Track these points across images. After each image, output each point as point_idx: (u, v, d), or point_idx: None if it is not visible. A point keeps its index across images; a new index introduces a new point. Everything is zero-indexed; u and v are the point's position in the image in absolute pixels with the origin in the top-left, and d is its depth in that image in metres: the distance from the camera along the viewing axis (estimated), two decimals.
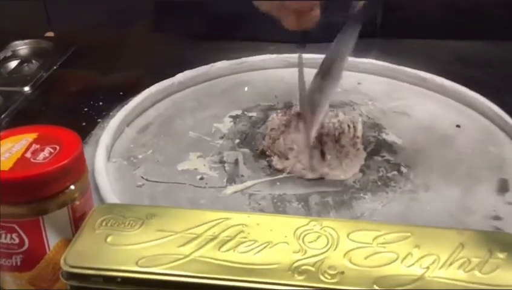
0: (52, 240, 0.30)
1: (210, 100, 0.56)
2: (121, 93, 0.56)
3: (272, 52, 0.62)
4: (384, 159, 0.48)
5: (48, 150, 0.29)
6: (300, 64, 0.47)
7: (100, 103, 0.55)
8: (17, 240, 0.29)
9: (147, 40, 0.69)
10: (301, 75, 0.47)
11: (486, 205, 0.43)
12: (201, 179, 0.46)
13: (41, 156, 0.29)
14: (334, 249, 0.29)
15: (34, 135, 0.31)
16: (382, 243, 0.30)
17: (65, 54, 0.64)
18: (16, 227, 0.29)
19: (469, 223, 0.41)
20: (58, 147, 0.30)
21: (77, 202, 0.31)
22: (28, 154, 0.29)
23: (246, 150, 0.49)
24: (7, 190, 0.28)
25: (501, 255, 0.29)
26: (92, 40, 0.68)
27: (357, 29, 0.46)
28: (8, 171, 0.28)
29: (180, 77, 0.58)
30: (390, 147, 0.49)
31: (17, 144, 0.30)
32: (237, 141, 0.50)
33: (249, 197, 0.44)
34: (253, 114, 0.54)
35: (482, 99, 0.54)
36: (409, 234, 0.30)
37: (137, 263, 0.28)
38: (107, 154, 0.47)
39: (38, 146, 0.30)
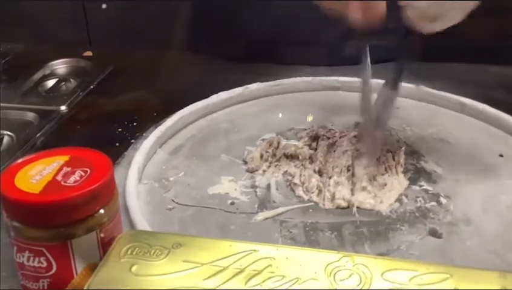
0: (80, 265, 0.30)
1: (244, 122, 0.56)
2: (155, 114, 0.56)
3: (307, 75, 0.61)
4: (422, 188, 0.46)
5: (78, 173, 0.29)
6: (366, 77, 0.46)
7: (134, 124, 0.55)
8: (45, 264, 0.29)
9: (183, 60, 0.69)
10: (366, 88, 0.45)
11: None
12: (232, 203, 0.45)
13: (72, 179, 0.29)
14: (368, 289, 0.28)
15: (65, 158, 0.31)
16: (419, 284, 0.28)
17: (102, 73, 0.65)
18: (44, 251, 0.29)
19: None
20: (89, 170, 0.30)
21: (106, 227, 0.30)
22: (59, 177, 0.29)
23: (279, 175, 0.48)
24: (37, 213, 0.28)
25: None
26: (129, 60, 0.68)
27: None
28: (38, 195, 0.28)
29: (214, 98, 0.57)
30: (429, 176, 0.47)
31: (48, 167, 0.30)
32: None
33: (280, 225, 0.43)
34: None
35: None
36: (448, 275, 0.28)
37: None
38: (139, 176, 0.47)
39: (69, 169, 0.30)
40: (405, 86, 0.59)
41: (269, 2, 0.65)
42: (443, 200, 0.44)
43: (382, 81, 0.49)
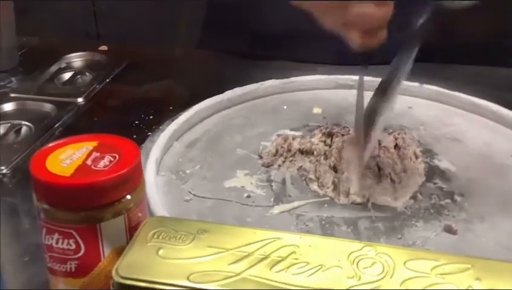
0: (107, 248, 0.30)
1: (258, 118, 0.56)
2: (171, 107, 0.57)
3: (321, 73, 0.62)
4: (436, 186, 0.46)
5: (108, 158, 0.30)
6: (360, 86, 0.47)
7: (151, 117, 0.56)
8: (73, 246, 0.30)
9: (198, 56, 0.70)
10: (360, 97, 0.46)
11: None
12: (248, 197, 0.46)
13: (101, 163, 0.30)
14: (391, 277, 0.28)
15: (94, 143, 0.31)
16: (441, 274, 0.28)
17: (117, 67, 0.65)
18: (74, 233, 0.29)
19: None
20: (117, 156, 0.30)
21: (133, 211, 0.31)
22: (89, 162, 0.30)
23: (294, 170, 0.48)
24: (68, 196, 0.29)
25: None
26: (144, 55, 0.69)
27: (415, 49, 0.45)
28: (69, 177, 0.29)
29: (229, 93, 0.58)
30: (443, 174, 0.48)
31: (77, 151, 0.30)
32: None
33: (296, 218, 0.43)
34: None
35: None
36: (469, 265, 0.29)
37: (188, 278, 0.28)
38: (156, 168, 0.47)
39: (98, 154, 0.30)
40: (418, 86, 0.59)
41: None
42: (457, 197, 0.45)
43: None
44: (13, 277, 0.37)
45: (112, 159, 0.30)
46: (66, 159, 0.30)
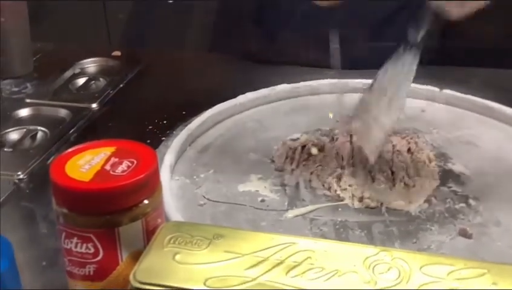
0: (125, 252, 0.31)
1: (271, 122, 0.57)
2: (184, 112, 0.57)
3: (332, 77, 0.62)
4: (450, 190, 0.46)
5: (126, 163, 0.30)
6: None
7: (164, 122, 0.56)
8: (92, 250, 0.30)
9: (210, 61, 0.70)
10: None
11: None
12: (262, 201, 0.46)
13: (120, 169, 0.30)
14: (407, 282, 0.28)
15: (112, 149, 0.32)
16: (457, 279, 0.28)
17: (131, 72, 0.66)
18: (92, 237, 0.30)
19: None
20: (135, 161, 0.31)
21: (151, 216, 0.31)
22: (108, 167, 0.30)
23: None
24: (88, 201, 0.29)
25: None
26: (157, 60, 0.70)
27: (417, 58, 0.45)
28: (89, 183, 0.29)
29: (241, 98, 0.58)
30: (457, 178, 0.48)
31: (96, 157, 0.31)
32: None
33: (310, 222, 0.43)
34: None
35: None
36: (485, 270, 0.29)
37: (205, 283, 0.28)
38: (170, 172, 0.48)
39: (117, 159, 0.31)
40: (430, 89, 0.59)
41: (295, 4, 0.66)
42: (472, 201, 0.45)
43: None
44: (32, 281, 0.37)
45: (130, 164, 0.30)
46: (85, 164, 0.30)
